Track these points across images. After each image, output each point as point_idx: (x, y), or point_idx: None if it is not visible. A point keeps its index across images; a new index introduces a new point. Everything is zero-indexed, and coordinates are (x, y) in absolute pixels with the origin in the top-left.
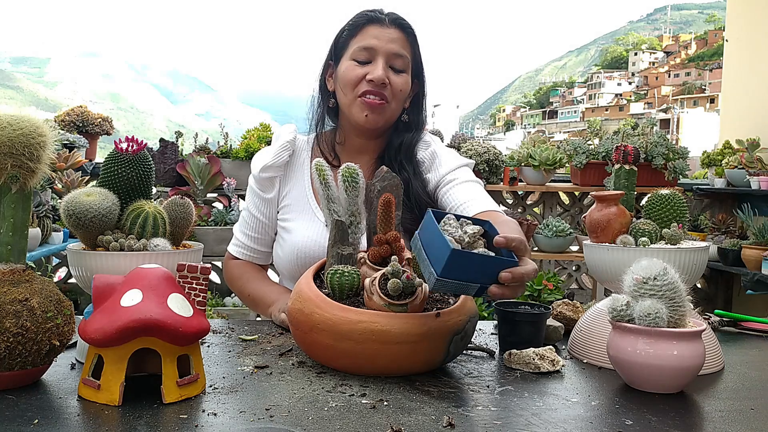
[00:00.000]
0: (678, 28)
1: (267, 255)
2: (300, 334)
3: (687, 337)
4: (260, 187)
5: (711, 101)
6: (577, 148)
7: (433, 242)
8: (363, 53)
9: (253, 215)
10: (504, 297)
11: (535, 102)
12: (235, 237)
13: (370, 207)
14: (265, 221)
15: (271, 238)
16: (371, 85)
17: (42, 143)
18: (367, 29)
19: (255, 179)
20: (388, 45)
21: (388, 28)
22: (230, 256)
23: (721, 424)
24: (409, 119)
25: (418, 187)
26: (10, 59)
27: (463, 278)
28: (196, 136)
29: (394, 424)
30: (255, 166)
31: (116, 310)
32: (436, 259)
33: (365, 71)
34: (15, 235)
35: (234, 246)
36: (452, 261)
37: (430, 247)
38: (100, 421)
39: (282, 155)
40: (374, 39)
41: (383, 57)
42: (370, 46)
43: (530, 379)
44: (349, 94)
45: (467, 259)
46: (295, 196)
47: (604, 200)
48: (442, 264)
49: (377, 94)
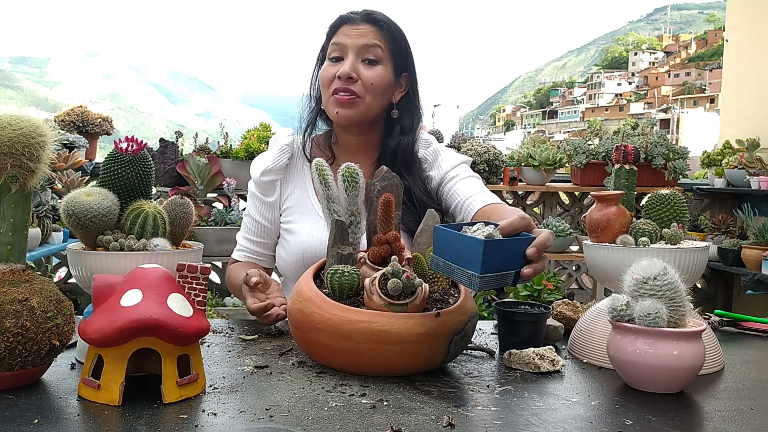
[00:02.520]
0: (678, 28)
1: (271, 258)
2: (300, 334)
3: (687, 337)
4: (261, 191)
5: (711, 101)
6: (577, 148)
7: (459, 249)
8: (335, 51)
9: (255, 220)
10: (537, 273)
11: (535, 102)
12: (238, 244)
13: (370, 207)
14: (268, 225)
15: (274, 241)
16: (339, 81)
17: (42, 143)
18: (341, 29)
19: (255, 184)
20: (358, 40)
21: (359, 24)
22: (232, 261)
23: (721, 424)
24: (401, 116)
25: (421, 190)
26: (10, 59)
27: (500, 268)
28: (196, 136)
29: (394, 424)
30: (255, 171)
31: (116, 310)
32: (471, 260)
33: (337, 69)
34: (15, 235)
35: (238, 252)
36: (487, 253)
37: (458, 254)
38: (100, 421)
39: (281, 158)
40: (345, 36)
41: (353, 52)
42: (340, 42)
43: (530, 379)
44: (325, 93)
45: (499, 247)
46: (297, 197)
47: (604, 200)
48: (480, 260)
49: (345, 90)
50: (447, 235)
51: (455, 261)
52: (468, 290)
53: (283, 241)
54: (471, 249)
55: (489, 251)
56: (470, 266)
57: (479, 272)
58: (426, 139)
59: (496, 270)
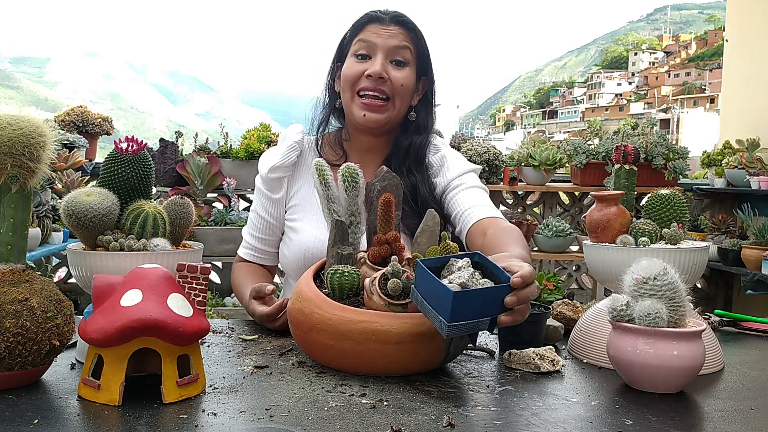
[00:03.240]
0: (678, 28)
1: (275, 256)
2: (300, 334)
3: (687, 337)
4: (268, 188)
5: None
6: (577, 148)
7: (433, 291)
8: (363, 48)
9: (261, 216)
10: (515, 322)
11: (535, 102)
12: (244, 240)
13: (370, 207)
14: (273, 222)
15: (278, 238)
16: (370, 80)
17: (42, 143)
18: (368, 27)
19: (262, 180)
20: (389, 40)
21: (389, 25)
22: (239, 259)
23: (721, 424)
24: (417, 118)
25: (426, 192)
26: (10, 59)
27: (473, 317)
28: (196, 136)
29: (394, 424)
30: (263, 167)
31: (116, 310)
32: (441, 306)
33: (365, 67)
34: (15, 235)
35: (243, 248)
36: (456, 303)
37: (432, 296)
38: (100, 421)
39: (290, 156)
40: (374, 35)
41: (383, 52)
42: (369, 40)
43: (530, 379)
44: (348, 92)
45: (470, 297)
46: (302, 196)
47: (604, 200)
48: (449, 310)
49: (376, 90)
50: (424, 274)
51: (429, 302)
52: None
53: (286, 238)
54: (442, 296)
55: (459, 301)
56: (441, 312)
57: (448, 321)
58: (435, 144)
59: (467, 318)
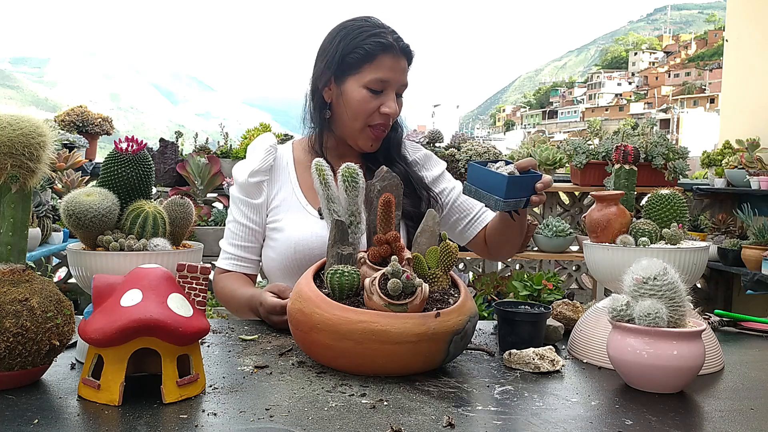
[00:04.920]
0: (678, 28)
1: (257, 264)
2: (300, 334)
3: (687, 337)
4: (247, 194)
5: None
6: (577, 148)
7: (487, 180)
8: (378, 85)
9: (242, 224)
10: (541, 202)
11: (535, 102)
12: (223, 251)
13: (370, 207)
14: (255, 228)
15: (260, 245)
16: (383, 118)
17: (42, 143)
18: (382, 59)
19: (241, 188)
20: (400, 77)
21: (400, 58)
22: (220, 271)
23: (721, 424)
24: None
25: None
26: (10, 59)
27: (517, 196)
28: (196, 136)
29: (394, 424)
30: (240, 174)
31: (116, 310)
32: (497, 189)
33: (379, 102)
34: (15, 235)
35: (223, 260)
36: (509, 185)
37: (486, 183)
38: (100, 421)
39: (268, 159)
40: (390, 71)
41: (394, 89)
42: (386, 79)
43: (530, 379)
44: (359, 122)
45: (516, 181)
46: (283, 196)
47: (604, 200)
48: (504, 190)
49: (386, 124)
50: (480, 170)
51: (484, 188)
52: (468, 290)
53: (270, 241)
54: (498, 181)
55: (511, 184)
56: (498, 193)
57: (503, 197)
58: (414, 144)
59: (514, 197)
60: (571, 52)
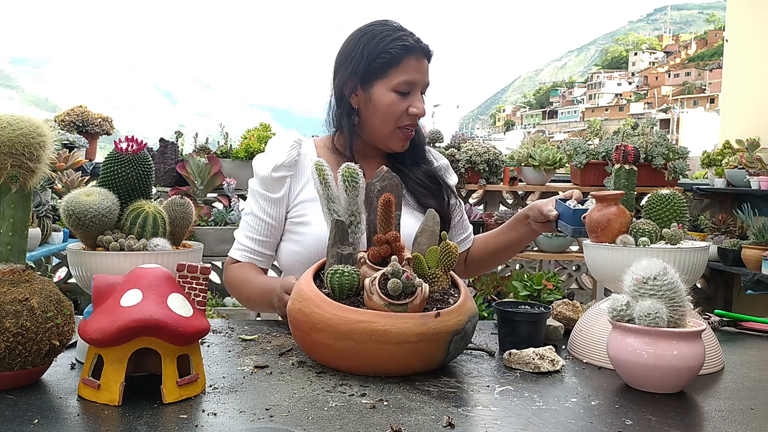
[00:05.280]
0: (678, 28)
1: (270, 259)
2: (300, 334)
3: (687, 337)
4: (267, 188)
5: (711, 101)
6: (577, 148)
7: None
8: (405, 87)
9: (259, 218)
10: None
11: (535, 102)
12: (237, 242)
13: (370, 207)
14: (272, 223)
15: (276, 240)
16: (412, 118)
17: (42, 143)
18: (407, 61)
19: (261, 181)
20: (424, 77)
21: (422, 58)
22: (231, 261)
23: (721, 424)
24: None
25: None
26: (10, 59)
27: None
28: (196, 136)
29: (394, 424)
30: (262, 168)
31: (116, 310)
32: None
33: (407, 104)
34: (15, 235)
35: (237, 251)
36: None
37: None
38: (100, 421)
39: (292, 154)
40: (415, 73)
41: (419, 89)
42: (413, 81)
43: (530, 379)
44: (389, 125)
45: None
46: (309, 191)
47: (604, 200)
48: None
49: (414, 124)
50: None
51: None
52: (468, 290)
53: (293, 235)
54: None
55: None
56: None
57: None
58: (437, 153)
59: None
60: (571, 52)
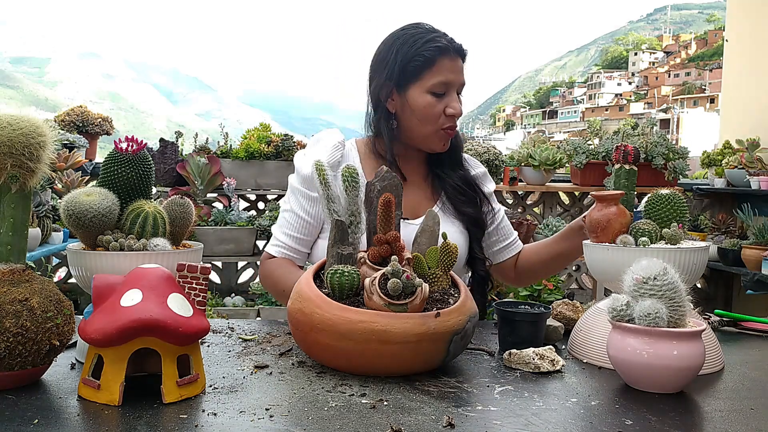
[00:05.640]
0: (678, 28)
1: (305, 256)
2: (300, 334)
3: (687, 337)
4: (308, 187)
5: (711, 101)
6: (577, 148)
7: None
8: (442, 88)
9: (298, 215)
10: None
11: (535, 102)
12: (274, 238)
13: (370, 207)
14: (310, 221)
15: (313, 239)
16: (450, 119)
17: (42, 143)
18: (442, 62)
19: (302, 179)
20: (460, 77)
21: (456, 58)
22: (267, 256)
23: (721, 424)
24: None
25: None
26: (10, 59)
27: None
28: (196, 136)
29: (394, 424)
30: (305, 166)
31: (116, 310)
32: None
33: (444, 104)
34: (15, 235)
35: (274, 246)
36: None
37: None
38: (100, 421)
39: (335, 155)
40: (450, 73)
41: (455, 89)
42: (448, 81)
43: (530, 379)
44: (429, 127)
45: None
46: None
47: (604, 200)
48: None
49: (453, 125)
50: None
51: None
52: (468, 290)
53: None
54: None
55: None
56: None
57: None
58: (474, 161)
59: None
60: (571, 52)
